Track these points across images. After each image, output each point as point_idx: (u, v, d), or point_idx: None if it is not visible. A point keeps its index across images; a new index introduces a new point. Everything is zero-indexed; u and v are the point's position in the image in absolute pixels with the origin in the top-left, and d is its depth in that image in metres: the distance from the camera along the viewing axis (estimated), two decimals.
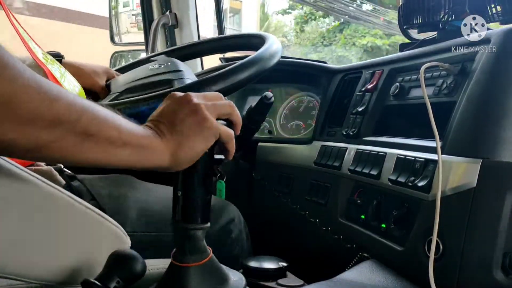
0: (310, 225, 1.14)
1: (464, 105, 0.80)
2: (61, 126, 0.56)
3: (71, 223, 0.71)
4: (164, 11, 2.06)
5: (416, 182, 0.82)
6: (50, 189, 0.67)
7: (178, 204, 0.72)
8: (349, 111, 1.16)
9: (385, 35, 9.84)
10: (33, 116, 0.54)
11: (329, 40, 11.03)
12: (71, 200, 0.70)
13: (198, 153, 0.68)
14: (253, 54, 1.13)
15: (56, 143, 0.56)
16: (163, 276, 0.73)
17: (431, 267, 0.74)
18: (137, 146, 0.63)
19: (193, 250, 0.72)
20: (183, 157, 0.67)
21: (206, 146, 0.69)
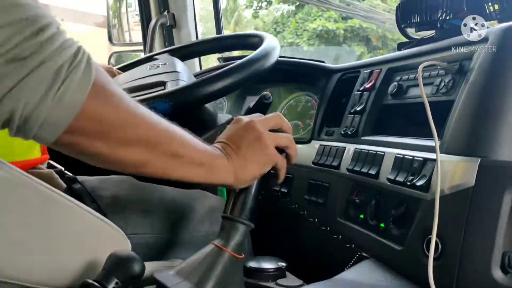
0: (309, 224, 1.14)
1: (462, 104, 0.80)
2: (159, 148, 0.68)
3: (71, 227, 0.71)
4: (162, 11, 2.06)
5: (415, 182, 0.82)
6: (49, 193, 0.68)
7: (233, 199, 0.82)
8: (347, 111, 1.16)
9: (341, 18, 8.24)
10: (139, 139, 0.65)
11: (283, 26, 9.44)
12: (71, 204, 0.70)
13: (256, 176, 0.80)
14: (250, 54, 1.13)
15: (153, 162, 0.68)
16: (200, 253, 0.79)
17: (430, 266, 0.73)
18: (210, 166, 0.74)
19: (232, 239, 0.79)
20: (244, 178, 0.78)
21: (263, 170, 0.80)
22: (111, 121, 0.62)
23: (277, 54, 1.17)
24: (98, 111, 0.60)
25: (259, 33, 1.32)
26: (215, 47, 1.50)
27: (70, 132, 0.58)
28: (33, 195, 0.65)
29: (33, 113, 0.54)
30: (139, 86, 1.20)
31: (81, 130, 0.59)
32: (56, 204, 0.68)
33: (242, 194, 0.83)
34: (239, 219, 0.81)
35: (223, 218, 0.84)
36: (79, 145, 0.61)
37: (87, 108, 0.57)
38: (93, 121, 0.60)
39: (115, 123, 0.62)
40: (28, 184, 0.65)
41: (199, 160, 0.73)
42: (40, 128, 0.56)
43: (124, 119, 0.63)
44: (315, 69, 1.42)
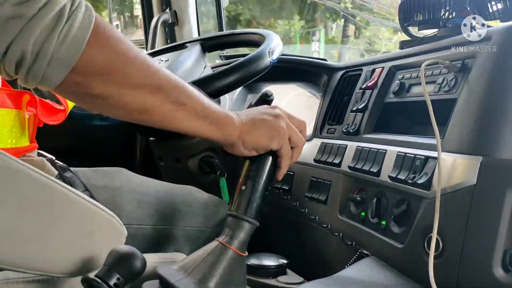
0: (310, 222, 1.14)
1: (464, 102, 0.80)
2: (161, 93, 0.70)
3: (66, 212, 0.70)
4: (164, 9, 2.06)
5: (416, 179, 0.82)
6: (43, 179, 0.67)
7: (239, 196, 0.84)
8: (349, 109, 1.16)
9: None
10: (142, 82, 0.68)
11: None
12: (65, 190, 0.69)
13: (260, 146, 0.82)
14: (254, 51, 1.13)
15: (157, 108, 0.71)
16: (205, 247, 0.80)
17: (431, 264, 0.74)
18: (216, 120, 0.77)
19: (237, 237, 0.80)
20: (248, 141, 0.81)
21: (268, 145, 0.82)
22: (114, 61, 0.66)
23: (279, 52, 1.17)
24: (101, 50, 0.64)
25: (261, 30, 1.32)
26: (216, 44, 1.50)
27: (76, 72, 0.62)
28: (26, 180, 0.65)
29: (41, 50, 0.59)
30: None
31: (86, 70, 0.63)
32: (50, 190, 0.67)
33: (249, 192, 0.83)
34: (245, 217, 0.82)
35: (229, 215, 0.84)
36: (85, 86, 0.65)
37: (91, 47, 0.62)
38: (97, 60, 0.63)
39: (118, 63, 0.66)
40: (21, 170, 0.64)
41: (203, 113, 0.75)
42: (48, 66, 0.60)
43: (126, 61, 0.67)
44: (317, 67, 1.42)
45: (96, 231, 0.74)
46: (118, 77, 0.67)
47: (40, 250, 0.67)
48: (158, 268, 0.78)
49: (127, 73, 0.67)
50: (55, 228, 0.68)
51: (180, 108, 0.73)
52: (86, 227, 0.73)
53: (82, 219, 0.72)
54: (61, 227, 0.69)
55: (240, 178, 0.87)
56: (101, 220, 0.75)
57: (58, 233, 0.69)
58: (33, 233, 0.66)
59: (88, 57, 0.62)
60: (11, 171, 0.64)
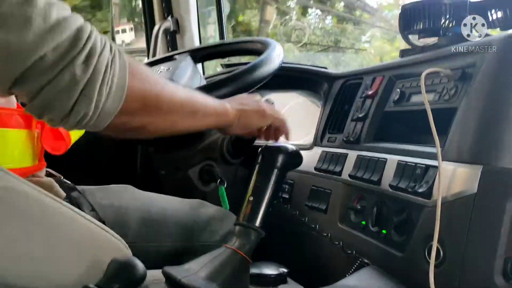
0: (310, 231, 1.14)
1: (465, 111, 0.80)
2: (184, 111, 0.81)
3: (71, 235, 0.71)
4: (165, 17, 2.06)
5: (417, 188, 0.82)
6: (50, 201, 0.68)
7: (247, 207, 0.88)
8: (350, 117, 1.16)
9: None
10: (171, 108, 0.78)
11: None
12: (71, 213, 0.71)
13: (252, 124, 0.96)
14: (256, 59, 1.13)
15: (178, 123, 0.81)
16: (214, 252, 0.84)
17: (431, 273, 0.73)
18: (214, 112, 0.87)
19: (245, 244, 0.84)
20: (243, 123, 0.94)
21: (259, 123, 0.98)
22: (149, 95, 0.73)
23: (281, 58, 1.18)
24: (137, 90, 0.70)
25: (263, 39, 1.32)
26: (217, 52, 1.50)
27: (119, 115, 0.67)
28: (34, 203, 0.66)
29: (95, 107, 0.65)
30: None
31: (128, 111, 0.69)
32: (57, 213, 0.69)
33: (256, 203, 0.86)
34: (252, 226, 0.85)
35: (236, 224, 0.88)
36: (126, 123, 0.72)
37: (130, 90, 0.68)
38: (136, 99, 0.70)
39: (152, 96, 0.73)
40: (29, 193, 0.65)
41: (207, 111, 0.86)
42: (98, 118, 0.66)
43: (158, 92, 0.75)
44: (318, 75, 1.42)
45: (101, 253, 0.74)
46: (153, 109, 0.74)
47: (44, 272, 0.68)
48: (165, 268, 0.79)
49: (159, 103, 0.75)
50: (59, 251, 0.69)
51: (193, 116, 0.83)
52: (91, 249, 0.74)
53: (87, 241, 0.73)
54: (66, 249, 0.70)
55: (248, 190, 0.91)
56: (106, 242, 0.76)
57: (63, 255, 0.69)
58: (39, 256, 0.66)
59: (129, 99, 0.68)
60: (20, 194, 0.64)
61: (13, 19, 0.60)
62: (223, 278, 0.78)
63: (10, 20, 0.60)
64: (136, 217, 0.99)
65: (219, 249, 0.84)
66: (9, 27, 0.60)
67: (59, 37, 0.63)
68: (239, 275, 0.82)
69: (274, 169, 0.93)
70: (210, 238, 1.08)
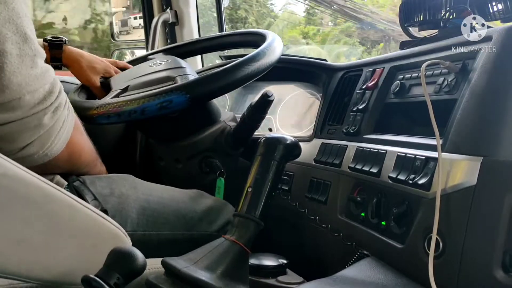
0: (309, 222, 1.14)
1: (464, 103, 0.80)
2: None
3: (71, 223, 0.71)
4: (164, 9, 2.06)
5: (417, 180, 0.82)
6: (51, 189, 0.68)
7: (246, 198, 0.90)
8: (350, 109, 1.16)
9: None
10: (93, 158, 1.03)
11: None
12: (72, 201, 0.70)
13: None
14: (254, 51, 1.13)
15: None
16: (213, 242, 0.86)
17: (430, 265, 0.74)
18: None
19: (243, 235, 0.86)
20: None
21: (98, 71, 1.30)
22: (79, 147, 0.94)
23: (281, 50, 1.18)
24: (78, 138, 0.92)
25: (260, 30, 1.32)
26: (217, 45, 1.50)
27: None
28: (33, 190, 0.66)
29: (48, 149, 0.82)
30: (146, 82, 1.20)
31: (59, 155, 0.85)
32: (57, 200, 0.69)
33: (255, 194, 0.86)
34: (251, 217, 0.85)
35: (235, 215, 0.88)
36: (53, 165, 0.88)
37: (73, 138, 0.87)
38: (76, 146, 0.91)
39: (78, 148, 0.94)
40: (28, 180, 0.65)
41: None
42: (38, 159, 0.82)
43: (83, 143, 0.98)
44: (317, 67, 1.42)
45: (101, 242, 0.74)
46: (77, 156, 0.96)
47: (43, 260, 0.68)
48: (164, 259, 0.79)
49: (82, 154, 0.98)
50: (60, 239, 0.69)
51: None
52: (91, 238, 0.74)
53: (87, 230, 0.73)
54: (67, 237, 0.70)
55: (247, 181, 0.91)
56: (107, 231, 0.76)
57: (63, 244, 0.69)
58: (39, 244, 0.66)
59: (69, 145, 0.88)
60: (20, 181, 0.64)
61: (11, 57, 0.72)
62: (223, 268, 0.78)
63: (9, 57, 0.72)
64: (136, 206, 0.99)
65: (218, 240, 0.84)
66: (6, 64, 0.71)
67: (39, 85, 0.76)
68: (239, 265, 0.82)
69: (273, 160, 0.93)
70: (208, 228, 1.08)
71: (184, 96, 1.03)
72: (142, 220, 0.99)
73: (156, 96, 1.04)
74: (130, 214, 0.97)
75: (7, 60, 0.72)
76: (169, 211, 1.04)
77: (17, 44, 0.73)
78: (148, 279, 0.79)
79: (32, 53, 0.76)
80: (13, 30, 0.72)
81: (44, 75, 0.78)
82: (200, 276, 0.76)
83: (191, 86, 1.06)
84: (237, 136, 1.26)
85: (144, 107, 1.04)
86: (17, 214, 0.64)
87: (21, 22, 0.74)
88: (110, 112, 1.07)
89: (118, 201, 0.97)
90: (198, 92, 1.05)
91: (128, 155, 1.56)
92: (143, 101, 1.04)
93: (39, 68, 0.77)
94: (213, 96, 1.11)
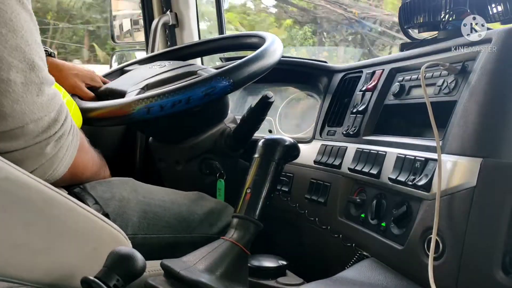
0: (309, 224, 1.14)
1: (464, 104, 0.80)
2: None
3: (72, 226, 0.71)
4: (164, 11, 2.06)
5: (416, 181, 0.82)
6: (52, 193, 0.68)
7: (244, 199, 0.90)
8: (349, 111, 1.16)
9: None
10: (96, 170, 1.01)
11: None
12: (73, 205, 0.71)
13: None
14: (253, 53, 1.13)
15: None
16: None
17: (430, 266, 0.74)
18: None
19: (243, 236, 0.86)
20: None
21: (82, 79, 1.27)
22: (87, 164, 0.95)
23: (281, 51, 1.18)
24: (82, 159, 0.90)
25: (260, 33, 1.32)
26: (216, 47, 1.50)
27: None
28: (34, 193, 0.66)
29: (46, 177, 0.80)
30: (165, 80, 1.18)
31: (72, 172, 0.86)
32: (57, 204, 0.69)
33: (254, 195, 0.86)
34: (250, 218, 0.86)
35: (234, 217, 0.88)
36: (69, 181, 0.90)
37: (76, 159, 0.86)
38: (79, 166, 0.90)
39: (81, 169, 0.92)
40: (29, 183, 0.65)
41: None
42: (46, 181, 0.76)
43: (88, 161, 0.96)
44: (317, 69, 1.42)
45: (102, 247, 0.74)
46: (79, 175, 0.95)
47: (44, 263, 0.68)
48: (163, 260, 0.79)
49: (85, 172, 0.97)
50: (60, 242, 0.69)
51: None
52: (93, 242, 0.74)
53: (88, 233, 0.73)
54: (67, 241, 0.70)
55: (246, 182, 0.91)
56: (107, 235, 0.76)
57: (63, 247, 0.69)
58: (40, 247, 0.66)
59: (73, 166, 0.87)
60: (21, 185, 0.64)
61: (15, 86, 0.71)
62: (222, 270, 0.78)
63: (13, 86, 0.71)
64: (137, 210, 0.99)
65: (217, 241, 0.84)
66: (9, 92, 0.71)
67: (44, 113, 0.75)
68: (238, 267, 0.82)
69: (271, 161, 0.93)
70: (209, 230, 1.08)
71: (227, 81, 1.03)
72: (143, 223, 0.99)
73: (201, 83, 1.03)
74: (131, 218, 0.98)
75: (10, 89, 0.70)
76: (170, 214, 1.04)
77: (23, 72, 0.72)
78: (147, 281, 0.79)
79: (39, 81, 0.74)
80: (20, 58, 0.71)
81: (50, 102, 0.76)
82: (199, 278, 0.76)
83: (233, 70, 1.06)
84: (237, 137, 1.26)
85: (190, 96, 1.02)
86: (18, 217, 0.64)
87: (30, 50, 0.73)
88: (151, 105, 1.02)
89: (119, 204, 0.97)
90: (239, 76, 1.06)
91: (128, 156, 1.56)
92: (189, 89, 1.03)
93: (45, 96, 0.76)
94: (252, 79, 1.11)
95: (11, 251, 0.63)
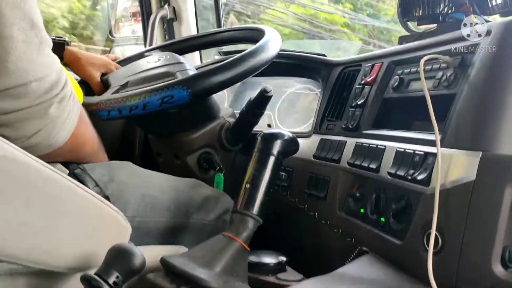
0: (309, 218, 1.14)
1: (464, 97, 0.80)
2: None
3: (72, 207, 0.71)
4: (162, 5, 2.05)
5: (416, 176, 0.82)
6: (51, 173, 0.68)
7: (244, 194, 0.89)
8: (349, 104, 1.16)
9: None
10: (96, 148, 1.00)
11: None
12: (72, 185, 0.71)
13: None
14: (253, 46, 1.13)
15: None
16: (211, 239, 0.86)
17: (430, 261, 0.73)
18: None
19: (242, 232, 0.86)
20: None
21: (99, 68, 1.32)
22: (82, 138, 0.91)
23: (279, 45, 1.17)
24: (79, 133, 0.87)
25: (258, 26, 1.31)
26: (215, 40, 1.50)
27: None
28: (34, 173, 0.66)
29: (53, 138, 0.80)
30: (146, 78, 1.20)
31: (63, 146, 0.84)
32: (57, 184, 0.69)
33: (253, 190, 0.86)
34: (249, 213, 0.85)
35: (233, 212, 0.88)
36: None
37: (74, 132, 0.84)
38: (80, 137, 0.89)
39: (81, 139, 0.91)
40: (29, 163, 0.66)
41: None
42: (42, 149, 0.79)
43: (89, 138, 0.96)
44: (316, 62, 1.41)
45: (101, 228, 0.75)
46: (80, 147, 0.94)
47: (44, 244, 0.68)
48: (162, 258, 0.80)
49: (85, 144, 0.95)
50: (60, 223, 0.70)
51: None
52: (92, 223, 0.75)
53: (87, 214, 0.74)
54: (67, 221, 0.71)
55: (245, 177, 0.91)
56: (107, 215, 0.77)
57: (63, 227, 0.70)
58: (39, 227, 0.67)
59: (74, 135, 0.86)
60: (20, 164, 0.65)
61: (17, 43, 0.71)
62: (221, 266, 0.78)
63: (15, 43, 0.71)
64: (136, 193, 1.00)
65: (217, 237, 0.84)
66: (12, 49, 0.71)
67: (46, 73, 0.75)
68: (237, 263, 0.82)
69: (270, 156, 0.93)
70: (206, 217, 1.09)
71: (185, 91, 1.03)
72: (141, 206, 1.00)
73: (158, 91, 1.03)
74: (129, 201, 0.98)
75: (13, 45, 0.71)
76: (167, 199, 1.05)
77: (23, 30, 0.72)
78: (147, 277, 0.79)
79: (39, 40, 0.74)
80: (20, 16, 0.71)
81: (50, 64, 0.77)
82: (199, 273, 0.76)
83: (192, 80, 1.06)
84: (236, 132, 1.26)
85: (146, 102, 1.03)
86: (17, 196, 0.64)
87: (29, 8, 0.73)
88: (111, 107, 1.07)
89: (118, 187, 0.98)
90: (199, 87, 1.05)
91: (127, 150, 1.56)
92: (144, 96, 1.04)
93: (46, 57, 0.76)
94: (214, 91, 1.10)
95: (11, 231, 0.64)
